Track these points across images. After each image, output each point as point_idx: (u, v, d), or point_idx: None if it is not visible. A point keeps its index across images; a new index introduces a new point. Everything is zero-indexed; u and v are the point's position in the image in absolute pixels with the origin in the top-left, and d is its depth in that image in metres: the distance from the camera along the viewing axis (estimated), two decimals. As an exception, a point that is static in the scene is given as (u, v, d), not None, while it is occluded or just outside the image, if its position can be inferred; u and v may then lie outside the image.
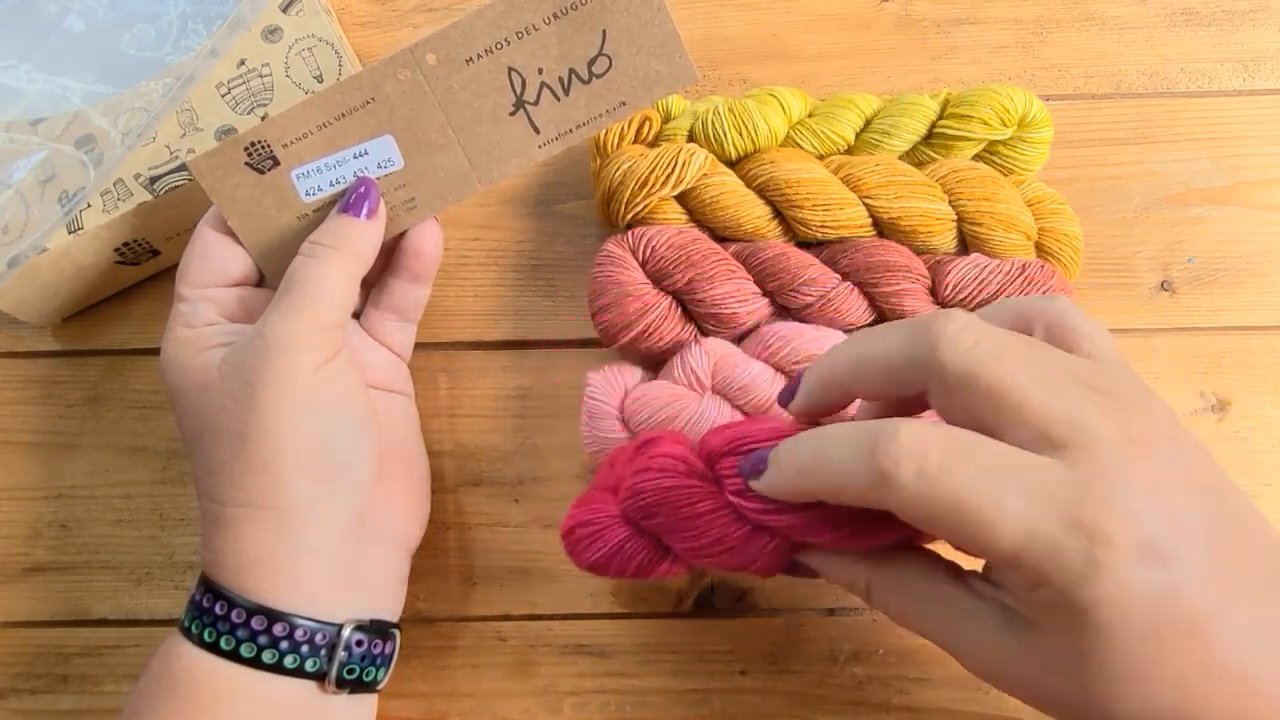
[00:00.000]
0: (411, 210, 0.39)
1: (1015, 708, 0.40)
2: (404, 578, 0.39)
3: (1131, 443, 0.27)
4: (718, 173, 0.42)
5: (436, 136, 0.38)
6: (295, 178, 0.38)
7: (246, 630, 0.33)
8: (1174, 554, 0.26)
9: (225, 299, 0.38)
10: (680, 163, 0.41)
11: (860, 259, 0.41)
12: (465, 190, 0.39)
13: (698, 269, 0.41)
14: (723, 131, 0.42)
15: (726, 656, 0.41)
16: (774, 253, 0.41)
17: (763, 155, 0.43)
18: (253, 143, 0.37)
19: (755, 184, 0.42)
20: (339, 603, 0.35)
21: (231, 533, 0.34)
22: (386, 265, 0.41)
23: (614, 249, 0.42)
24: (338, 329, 0.36)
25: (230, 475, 0.34)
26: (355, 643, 0.35)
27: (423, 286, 0.41)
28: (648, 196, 0.42)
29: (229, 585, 0.34)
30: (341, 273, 0.36)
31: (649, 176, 0.41)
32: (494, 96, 0.37)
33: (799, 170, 0.41)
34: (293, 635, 0.33)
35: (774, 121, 0.43)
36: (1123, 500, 0.26)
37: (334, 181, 0.38)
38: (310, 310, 0.35)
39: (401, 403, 0.41)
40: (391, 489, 0.38)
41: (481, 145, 0.38)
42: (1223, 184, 0.46)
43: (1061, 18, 0.49)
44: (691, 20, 0.49)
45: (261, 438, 0.34)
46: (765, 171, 0.42)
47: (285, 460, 0.34)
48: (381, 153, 0.38)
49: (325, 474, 0.35)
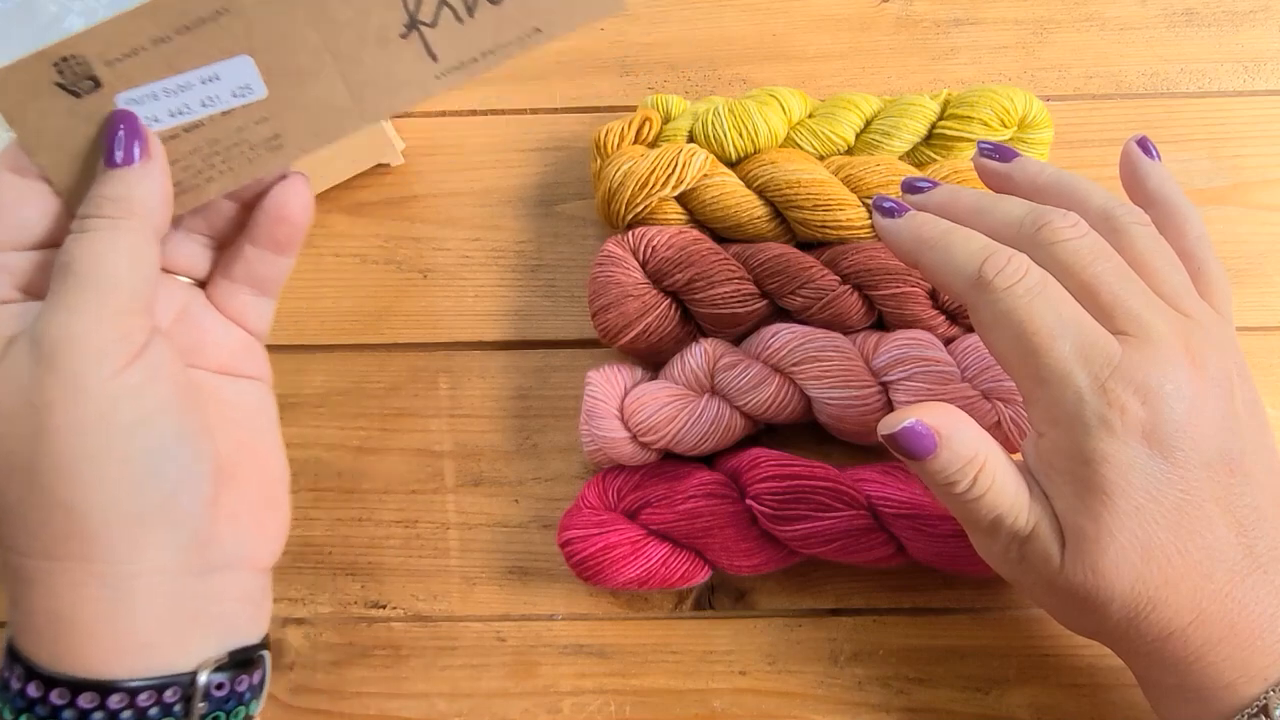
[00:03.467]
0: (276, 150, 0.32)
1: (1015, 707, 0.40)
2: (266, 592, 0.33)
3: (1187, 352, 0.30)
4: (718, 173, 0.42)
5: (308, 61, 0.31)
6: (123, 104, 0.30)
7: (75, 712, 0.27)
8: (1179, 453, 0.29)
9: (23, 267, 0.29)
10: (680, 163, 0.41)
11: (861, 261, 0.41)
12: (344, 127, 0.32)
13: (698, 269, 0.41)
14: (723, 132, 0.42)
15: (726, 656, 0.41)
16: (774, 253, 0.41)
17: (763, 156, 0.43)
18: (65, 57, 0.29)
19: (755, 184, 0.42)
20: (185, 648, 0.29)
21: (39, 591, 0.27)
22: (243, 225, 0.33)
23: (614, 249, 0.42)
24: (138, 315, 0.28)
25: (25, 521, 0.27)
26: (215, 687, 0.29)
27: (286, 257, 0.33)
28: (648, 197, 0.42)
29: (44, 659, 0.27)
30: (128, 244, 0.28)
31: (649, 177, 0.41)
32: (381, 14, 0.30)
33: (799, 171, 0.41)
34: (135, 703, 0.27)
35: (774, 122, 0.43)
36: (1155, 387, 0.29)
37: (175, 112, 0.30)
38: (95, 300, 0.27)
39: (255, 391, 0.34)
40: (238, 501, 0.31)
41: (365, 73, 0.31)
42: (1223, 184, 0.46)
43: (1062, 18, 0.49)
44: (691, 20, 0.49)
45: (55, 472, 0.27)
46: (765, 172, 0.42)
47: (91, 498, 0.27)
48: (237, 78, 0.30)
49: (146, 509, 0.28)
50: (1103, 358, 0.29)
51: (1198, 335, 0.31)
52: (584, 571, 0.39)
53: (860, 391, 0.39)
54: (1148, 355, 0.29)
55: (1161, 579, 0.29)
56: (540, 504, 0.43)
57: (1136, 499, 0.29)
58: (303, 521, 0.43)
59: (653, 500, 0.40)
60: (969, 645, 0.41)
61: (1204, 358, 0.30)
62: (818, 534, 0.38)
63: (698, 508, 0.39)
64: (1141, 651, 0.31)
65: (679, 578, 0.40)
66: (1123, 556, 0.29)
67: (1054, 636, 0.41)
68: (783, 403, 0.40)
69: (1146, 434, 0.29)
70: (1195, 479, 0.29)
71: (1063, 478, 0.30)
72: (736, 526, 0.39)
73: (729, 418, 0.40)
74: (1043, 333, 0.30)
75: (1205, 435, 0.29)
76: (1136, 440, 0.29)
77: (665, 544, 0.40)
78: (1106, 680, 0.40)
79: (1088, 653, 0.40)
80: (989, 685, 0.40)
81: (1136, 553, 0.29)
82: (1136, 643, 0.31)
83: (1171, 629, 0.30)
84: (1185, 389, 0.29)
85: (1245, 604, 0.30)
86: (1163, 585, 0.29)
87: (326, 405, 0.44)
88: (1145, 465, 0.29)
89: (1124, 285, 0.31)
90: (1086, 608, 0.31)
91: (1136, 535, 0.29)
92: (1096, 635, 0.33)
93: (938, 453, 0.30)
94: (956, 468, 0.31)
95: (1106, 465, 0.29)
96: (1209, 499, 0.29)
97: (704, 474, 0.40)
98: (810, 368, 0.40)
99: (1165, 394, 0.29)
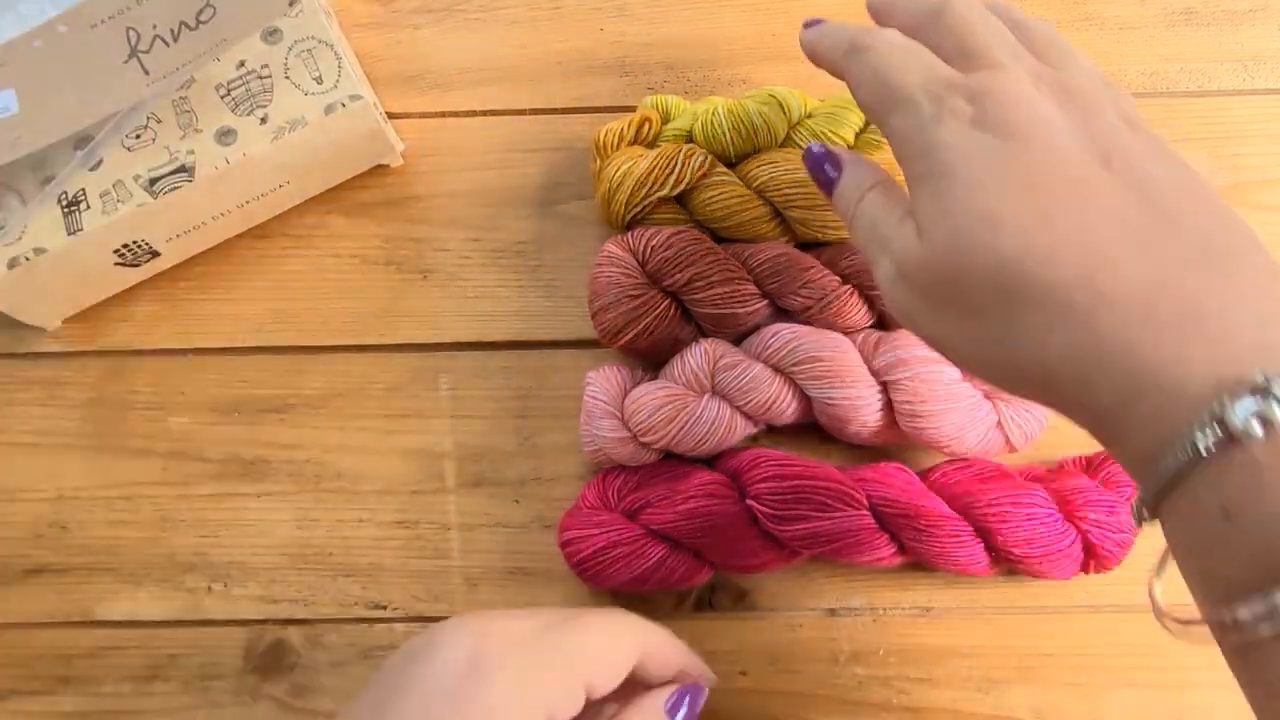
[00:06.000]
0: (15, 146, 0.40)
1: (1015, 707, 0.40)
2: None
3: (1035, 78, 0.31)
4: (717, 173, 0.42)
5: (54, 86, 0.41)
6: None
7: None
8: (1020, 135, 0.29)
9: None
10: (679, 163, 0.41)
11: (860, 262, 0.41)
12: (71, 126, 0.41)
13: (697, 269, 0.41)
14: (722, 132, 0.42)
15: (727, 656, 0.41)
16: (774, 253, 0.41)
17: (763, 156, 0.43)
18: None
19: (755, 185, 0.42)
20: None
21: None
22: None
23: (613, 249, 0.42)
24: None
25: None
26: None
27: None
28: (647, 197, 0.42)
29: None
30: None
31: (648, 177, 0.41)
32: (112, 51, 0.42)
33: (799, 171, 0.41)
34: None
35: (774, 122, 0.43)
36: (985, 89, 0.30)
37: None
38: None
39: None
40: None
41: (94, 90, 0.41)
42: (1223, 184, 0.46)
43: (1061, 18, 0.49)
44: (691, 20, 0.49)
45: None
46: (765, 172, 0.42)
47: None
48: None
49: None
50: (944, 78, 0.31)
51: (1054, 75, 0.31)
52: (584, 572, 0.39)
53: (860, 391, 0.39)
54: (992, 73, 0.31)
55: (1019, 248, 0.27)
56: (541, 504, 0.43)
57: (975, 173, 0.29)
58: (304, 523, 0.43)
59: (653, 500, 0.40)
60: (969, 645, 0.41)
61: (1064, 87, 0.30)
62: (818, 534, 0.38)
63: (698, 508, 0.39)
64: (1038, 357, 0.27)
65: (679, 578, 0.40)
66: (966, 226, 0.28)
67: (1054, 636, 0.41)
68: (783, 403, 0.40)
69: (976, 121, 0.30)
70: (1054, 160, 0.28)
71: (915, 186, 0.31)
72: (737, 527, 0.39)
73: (729, 418, 0.40)
74: (896, 69, 0.32)
75: (1057, 128, 0.29)
76: (965, 126, 0.30)
77: (665, 544, 0.39)
78: (1106, 680, 0.40)
79: (1088, 652, 0.40)
80: (989, 685, 0.40)
81: (982, 223, 0.28)
82: (1024, 339, 0.28)
83: (1051, 308, 0.27)
84: (1024, 93, 0.30)
85: (1163, 285, 0.26)
86: (1023, 257, 0.27)
87: (327, 406, 0.44)
88: (981, 144, 0.29)
89: (985, 23, 0.33)
90: (955, 297, 0.29)
91: (978, 204, 0.28)
92: (985, 343, 0.29)
93: (841, 177, 0.35)
94: (851, 187, 0.34)
95: (941, 150, 0.30)
96: (1079, 178, 0.28)
97: (704, 474, 0.40)
98: (810, 368, 0.40)
99: (997, 92, 0.30)
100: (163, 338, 0.45)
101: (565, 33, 0.49)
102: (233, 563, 0.42)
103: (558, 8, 0.50)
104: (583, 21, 0.49)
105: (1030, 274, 0.27)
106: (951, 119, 0.30)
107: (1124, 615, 0.41)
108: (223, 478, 0.43)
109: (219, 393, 0.44)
